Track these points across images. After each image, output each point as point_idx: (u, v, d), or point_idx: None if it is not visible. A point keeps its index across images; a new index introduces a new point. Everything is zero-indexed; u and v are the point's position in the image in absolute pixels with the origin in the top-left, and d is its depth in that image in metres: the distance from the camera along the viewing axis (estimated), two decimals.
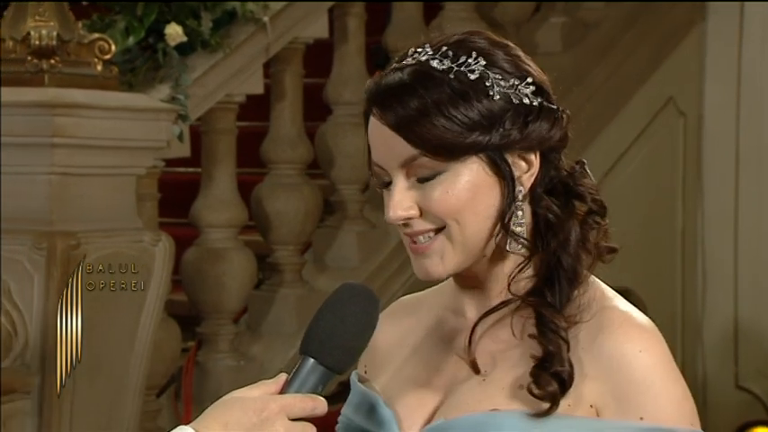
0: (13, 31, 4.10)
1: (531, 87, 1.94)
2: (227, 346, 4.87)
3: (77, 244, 4.08)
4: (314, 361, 1.88)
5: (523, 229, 1.94)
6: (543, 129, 1.94)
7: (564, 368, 1.87)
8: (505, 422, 1.89)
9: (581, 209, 1.98)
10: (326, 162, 5.27)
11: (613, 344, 1.90)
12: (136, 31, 4.52)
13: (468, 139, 1.91)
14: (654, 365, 1.89)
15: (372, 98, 1.97)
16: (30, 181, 4.13)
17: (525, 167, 1.94)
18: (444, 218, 1.93)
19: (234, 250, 4.89)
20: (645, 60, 6.17)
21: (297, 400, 1.85)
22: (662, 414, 1.87)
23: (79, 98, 4.12)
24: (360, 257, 5.26)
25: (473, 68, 1.92)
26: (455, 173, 1.92)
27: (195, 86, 4.60)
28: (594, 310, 1.93)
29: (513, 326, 1.94)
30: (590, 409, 1.89)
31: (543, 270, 1.96)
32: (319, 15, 5.07)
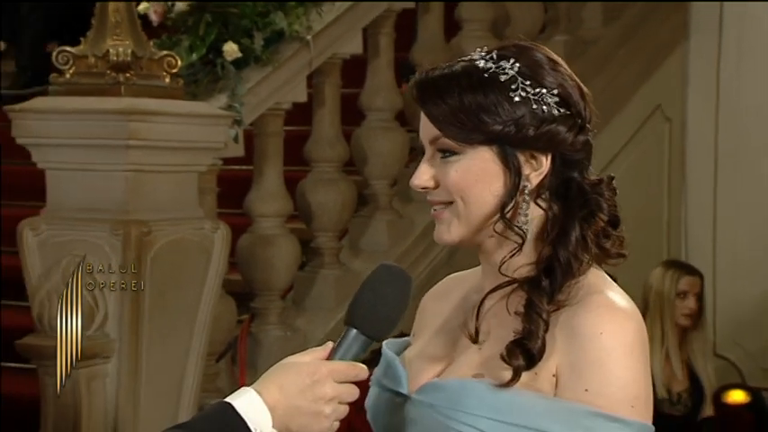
0: (95, 49, 4.08)
1: (555, 98, 1.92)
2: (275, 319, 4.85)
3: (149, 231, 4.08)
4: (356, 331, 1.89)
5: (527, 219, 1.93)
6: (557, 134, 1.92)
7: (536, 345, 1.86)
8: (474, 389, 1.90)
9: (601, 218, 1.95)
10: (361, 160, 5.26)
11: (583, 323, 1.88)
12: (198, 48, 4.52)
13: (482, 129, 1.91)
14: (611, 348, 1.86)
15: (416, 81, 1.99)
16: (108, 177, 4.12)
17: (535, 166, 1.93)
18: (452, 193, 1.93)
19: (281, 236, 4.88)
20: (636, 73, 6.21)
21: (343, 366, 1.86)
22: (604, 391, 1.85)
23: (150, 106, 4.13)
24: (389, 243, 5.25)
25: (506, 72, 1.92)
26: (468, 157, 1.93)
27: (249, 96, 4.60)
28: (581, 296, 1.90)
29: (509, 304, 1.93)
30: (552, 378, 1.88)
31: (543, 259, 1.94)
32: (355, 34, 5.06)
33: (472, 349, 1.96)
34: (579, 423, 1.84)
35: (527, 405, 1.86)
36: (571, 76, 1.97)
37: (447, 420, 1.90)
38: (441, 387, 1.94)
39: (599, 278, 1.95)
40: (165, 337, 4.15)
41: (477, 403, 1.88)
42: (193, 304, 4.25)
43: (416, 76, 2.00)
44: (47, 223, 4.12)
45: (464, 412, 1.88)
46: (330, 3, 4.89)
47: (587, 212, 1.94)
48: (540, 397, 1.87)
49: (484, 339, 1.95)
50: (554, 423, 1.84)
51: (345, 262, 5.17)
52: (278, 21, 4.66)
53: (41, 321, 4.02)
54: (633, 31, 6.21)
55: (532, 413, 1.86)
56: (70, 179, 4.17)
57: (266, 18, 4.64)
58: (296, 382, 1.83)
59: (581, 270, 1.92)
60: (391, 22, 5.28)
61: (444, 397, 1.92)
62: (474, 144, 1.92)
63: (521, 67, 1.93)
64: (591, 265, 1.94)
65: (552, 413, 1.85)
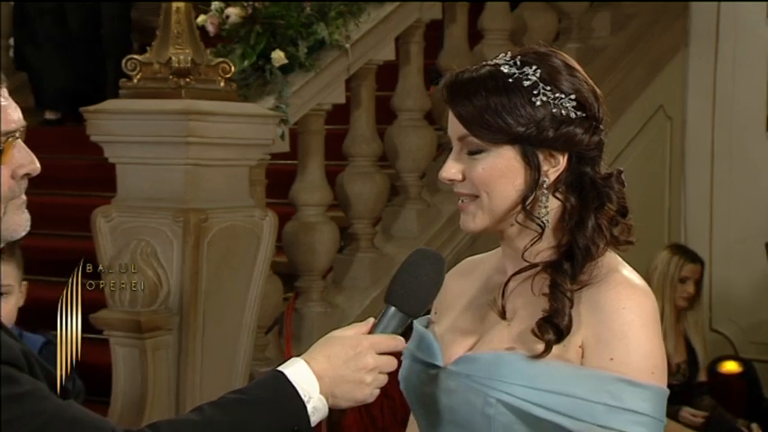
0: (159, 57, 4.13)
1: (573, 102, 1.91)
2: (317, 297, 4.87)
3: (206, 218, 4.11)
4: (395, 309, 1.90)
5: (547, 210, 1.93)
6: (574, 135, 1.92)
7: (563, 321, 1.87)
8: (509, 361, 1.90)
9: (611, 207, 1.95)
10: (393, 155, 5.28)
11: (605, 299, 1.88)
12: (249, 56, 4.54)
13: (506, 130, 1.90)
14: (632, 321, 1.86)
15: (447, 83, 1.98)
16: (170, 170, 4.16)
17: (553, 163, 1.92)
18: (478, 188, 1.93)
19: (322, 223, 4.89)
20: (640, 77, 6.21)
21: (383, 339, 1.88)
22: (628, 359, 1.85)
23: (207, 107, 4.16)
24: (418, 229, 5.25)
25: (529, 77, 1.91)
26: (493, 154, 1.92)
27: (294, 98, 4.61)
28: (602, 275, 1.90)
29: (534, 285, 1.93)
30: (578, 348, 1.88)
31: (563, 245, 1.93)
32: (388, 42, 5.07)
33: (501, 325, 1.97)
34: (605, 388, 1.84)
35: (557, 373, 1.87)
36: (587, 80, 1.97)
37: (484, 389, 1.90)
38: (476, 359, 1.95)
39: (615, 260, 1.95)
40: (220, 312, 4.19)
41: (511, 373, 1.89)
42: (245, 283, 4.27)
43: (446, 78, 1.99)
44: (117, 211, 4.17)
45: (500, 381, 1.89)
46: (366, 14, 4.90)
47: (600, 203, 1.94)
48: (568, 366, 1.88)
49: (511, 317, 1.96)
50: (582, 388, 1.85)
51: (379, 246, 5.19)
52: (320, 31, 4.68)
53: (113, 297, 4.08)
54: (638, 39, 6.21)
55: (562, 380, 1.86)
56: (137, 172, 4.22)
57: (309, 28, 4.66)
58: (341, 353, 1.85)
59: (599, 253, 1.91)
60: (421, 31, 5.30)
61: (480, 368, 1.92)
62: (498, 143, 1.91)
63: (542, 74, 1.92)
64: (607, 249, 1.93)
65: (580, 379, 1.86)
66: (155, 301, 4.07)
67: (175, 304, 4.09)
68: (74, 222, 4.26)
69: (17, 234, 1.78)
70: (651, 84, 6.26)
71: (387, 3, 5.02)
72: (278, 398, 1.81)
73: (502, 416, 1.89)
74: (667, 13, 6.35)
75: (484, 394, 1.90)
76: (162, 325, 4.07)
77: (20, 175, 1.75)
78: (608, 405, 1.83)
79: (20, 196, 1.76)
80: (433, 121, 5.41)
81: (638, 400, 1.84)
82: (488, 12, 5.77)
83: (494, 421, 1.90)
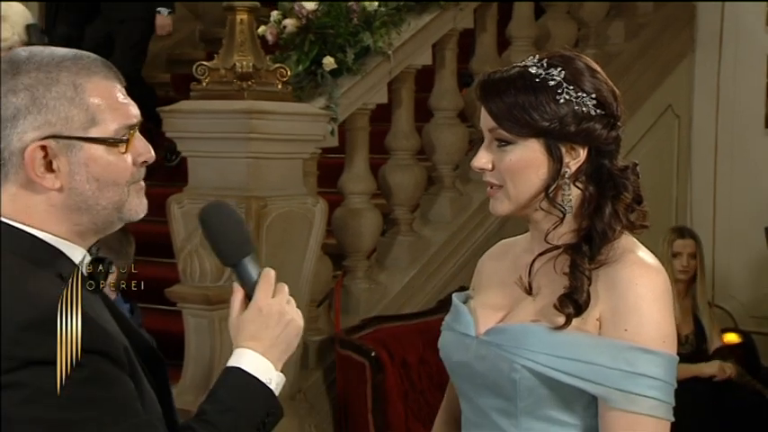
0: (224, 63, 4.17)
1: (593, 101, 1.90)
2: (362, 275, 4.89)
3: (265, 204, 4.15)
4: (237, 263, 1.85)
5: (570, 196, 1.91)
6: (594, 130, 1.91)
7: (582, 297, 1.86)
8: (534, 332, 1.90)
9: (627, 196, 1.92)
10: (429, 149, 5.29)
11: (620, 275, 1.87)
12: (303, 61, 4.55)
13: (532, 125, 1.89)
14: (645, 295, 1.85)
15: (480, 81, 1.96)
16: (234, 163, 4.19)
17: (573, 156, 1.91)
18: (504, 177, 1.92)
19: (367, 210, 4.92)
20: (651, 79, 6.19)
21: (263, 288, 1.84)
22: (641, 330, 1.84)
23: (267, 107, 4.17)
24: (451, 215, 5.26)
25: (554, 78, 1.90)
26: (520, 147, 1.90)
27: (342, 98, 4.62)
28: (618, 255, 1.89)
29: (556, 265, 1.92)
30: (596, 321, 1.87)
31: (582, 229, 1.92)
32: (426, 49, 5.08)
33: (527, 300, 1.97)
34: (621, 356, 1.83)
35: (577, 343, 1.87)
36: (606, 81, 1.95)
37: (512, 356, 1.90)
38: (505, 330, 1.95)
39: (631, 242, 1.94)
40: None
41: (536, 342, 1.89)
42: (299, 262, 4.29)
43: (480, 77, 1.97)
44: (188, 198, 4.22)
45: (526, 349, 1.89)
46: (407, 24, 4.91)
47: (616, 192, 1.92)
48: (587, 336, 1.87)
49: (536, 292, 1.96)
50: (600, 356, 1.84)
51: (417, 230, 5.20)
52: (366, 39, 4.70)
53: (185, 274, 4.13)
54: (649, 46, 6.20)
55: (582, 349, 1.86)
56: (205, 164, 4.26)
57: (356, 37, 4.67)
58: (259, 324, 1.81)
59: (615, 236, 1.90)
60: (455, 39, 5.30)
61: (509, 338, 1.93)
62: (525, 136, 1.90)
63: (566, 75, 1.90)
64: (623, 232, 1.92)
65: (598, 348, 1.85)
66: (221, 277, 4.09)
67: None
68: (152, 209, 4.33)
69: (137, 216, 1.78)
70: (661, 86, 6.25)
71: (425, 14, 5.03)
72: (249, 394, 1.77)
73: (526, 380, 1.89)
74: (676, 22, 6.33)
75: (511, 361, 1.90)
76: (228, 298, 3.98)
77: (139, 163, 1.77)
78: (624, 371, 1.83)
79: (139, 182, 1.78)
80: (465, 119, 5.41)
81: (651, 366, 1.84)
82: (515, 21, 5.77)
83: (519, 385, 1.90)
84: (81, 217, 1.72)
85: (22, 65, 1.70)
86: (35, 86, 1.68)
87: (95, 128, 1.70)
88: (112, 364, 1.64)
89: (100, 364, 1.62)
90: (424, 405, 4.50)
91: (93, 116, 1.70)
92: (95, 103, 1.71)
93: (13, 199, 1.71)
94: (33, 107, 1.68)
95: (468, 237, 5.25)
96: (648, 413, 1.83)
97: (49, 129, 1.68)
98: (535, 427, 1.93)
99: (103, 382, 1.62)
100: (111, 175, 1.72)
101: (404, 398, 4.49)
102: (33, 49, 1.76)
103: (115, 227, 1.78)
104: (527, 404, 1.91)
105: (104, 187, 1.72)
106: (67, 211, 1.71)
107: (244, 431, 1.76)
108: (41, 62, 1.71)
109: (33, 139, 1.68)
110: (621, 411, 1.84)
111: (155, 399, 1.76)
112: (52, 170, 1.69)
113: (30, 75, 1.69)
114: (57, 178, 1.69)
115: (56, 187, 1.70)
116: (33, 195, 1.70)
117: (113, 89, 1.75)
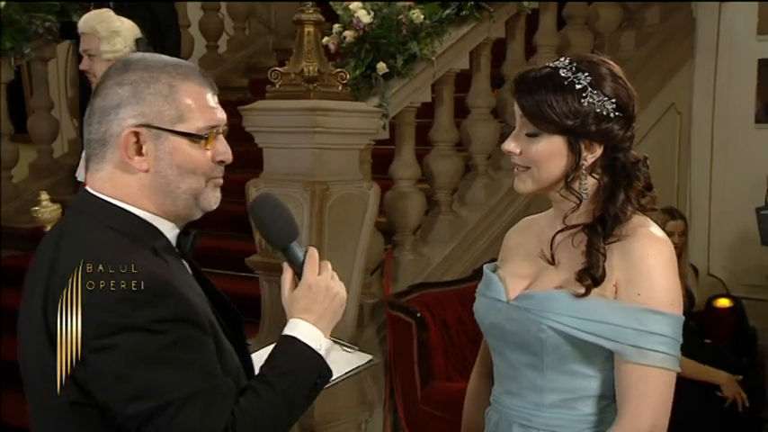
0: (294, 68, 4.16)
1: (613, 105, 1.87)
2: (409, 248, 4.88)
3: (327, 188, 4.14)
4: (285, 248, 1.83)
5: (586, 185, 1.90)
6: (611, 131, 1.89)
7: (598, 272, 1.85)
8: (558, 297, 1.90)
9: (638, 184, 1.91)
10: (467, 141, 5.25)
11: (634, 247, 1.86)
12: (360, 67, 4.54)
13: (558, 123, 1.87)
14: (655, 265, 1.84)
15: (515, 79, 1.94)
16: (302, 153, 4.19)
17: (591, 150, 1.90)
18: (530, 163, 1.91)
19: (413, 193, 4.90)
20: (657, 82, 6.12)
21: (310, 268, 1.81)
22: (652, 294, 1.83)
23: (329, 105, 4.17)
24: (485, 197, 5.22)
25: (580, 81, 1.87)
26: (545, 139, 1.89)
27: (392, 98, 4.62)
28: (631, 231, 1.88)
29: (575, 240, 1.92)
30: (612, 287, 1.86)
31: (598, 212, 1.91)
32: (464, 55, 5.00)
33: (550, 270, 1.96)
34: (634, 316, 1.83)
35: (596, 306, 1.86)
36: (626, 85, 1.91)
37: (539, 318, 1.90)
38: (532, 296, 1.95)
39: (644, 219, 1.93)
40: (338, 258, 4.15)
41: (560, 306, 1.88)
42: (355, 237, 4.29)
43: (516, 75, 1.95)
44: (264, 183, 4.21)
45: (552, 312, 1.89)
46: (448, 34, 4.88)
47: (629, 181, 1.91)
48: (605, 300, 1.86)
49: (558, 263, 1.95)
50: (616, 317, 1.83)
51: (455, 210, 5.17)
52: (413, 47, 4.67)
53: (260, 246, 4.15)
54: (655, 52, 6.14)
55: (600, 311, 1.85)
56: (278, 154, 4.25)
57: (405, 45, 4.65)
58: (310, 299, 1.79)
59: (626, 219, 1.89)
60: (489, 47, 5.28)
61: (536, 303, 1.92)
62: (551, 132, 1.88)
63: (591, 80, 1.87)
64: (635, 214, 1.91)
65: (615, 310, 1.84)
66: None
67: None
68: (234, 192, 4.36)
69: (210, 206, 1.78)
70: (665, 87, 6.19)
71: (464, 25, 4.99)
72: (302, 360, 1.76)
73: (552, 339, 1.89)
74: (678, 32, 6.27)
75: (538, 322, 1.90)
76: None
77: (217, 161, 1.77)
78: (637, 329, 1.82)
79: (217, 178, 1.78)
80: (497, 116, 5.37)
81: (660, 324, 1.83)
82: (541, 31, 5.72)
83: (545, 343, 1.90)
84: (165, 198, 1.73)
85: (132, 64, 1.74)
86: (138, 82, 1.71)
87: (182, 124, 1.72)
88: (195, 329, 1.62)
89: (184, 330, 1.60)
90: (461, 359, 4.50)
91: (182, 113, 1.72)
92: (186, 102, 1.72)
93: (110, 178, 1.73)
94: (133, 99, 1.70)
95: (498, 216, 5.22)
96: (658, 365, 1.83)
97: (143, 118, 1.70)
98: (559, 379, 1.93)
99: (187, 347, 1.60)
100: (191, 164, 1.73)
101: (444, 352, 4.48)
102: (146, 54, 1.80)
103: (195, 214, 1.78)
104: (552, 359, 1.92)
105: (184, 174, 1.73)
106: (154, 192, 1.72)
107: (299, 391, 1.74)
108: (148, 64, 1.74)
109: (129, 125, 1.70)
110: (635, 364, 1.83)
111: (233, 353, 1.77)
112: (141, 154, 1.71)
113: (136, 72, 1.72)
114: (144, 161, 1.71)
115: (143, 168, 1.72)
116: (127, 175, 1.72)
117: (204, 93, 1.76)
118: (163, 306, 1.59)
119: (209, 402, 1.59)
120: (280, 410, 1.70)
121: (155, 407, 1.57)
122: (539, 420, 1.95)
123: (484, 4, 5.01)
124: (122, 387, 1.57)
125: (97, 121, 1.72)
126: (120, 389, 1.57)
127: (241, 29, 7.68)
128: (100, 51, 3.71)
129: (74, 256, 1.62)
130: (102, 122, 1.71)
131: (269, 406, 1.69)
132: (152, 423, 1.57)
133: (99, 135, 1.72)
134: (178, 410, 1.57)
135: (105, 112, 1.71)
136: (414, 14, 4.65)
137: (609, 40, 6.10)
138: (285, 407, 1.72)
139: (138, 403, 1.57)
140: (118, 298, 1.57)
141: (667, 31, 6.25)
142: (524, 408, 1.97)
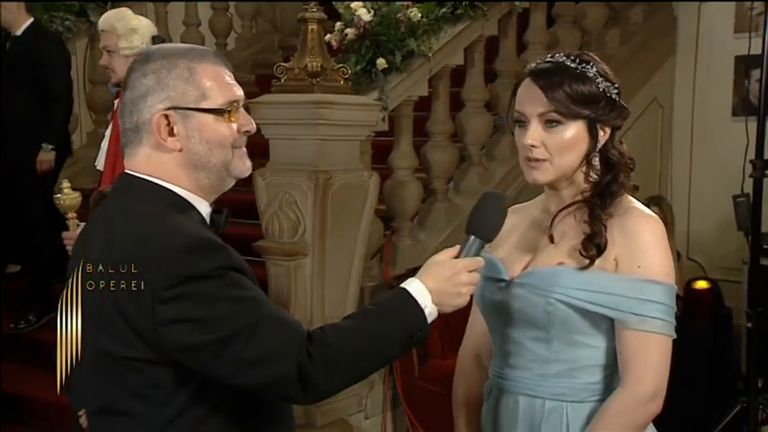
0: (298, 64, 4.15)
1: (616, 90, 1.92)
2: (407, 234, 4.87)
3: (330, 177, 4.11)
4: (474, 237, 1.85)
5: (597, 165, 1.94)
6: (621, 114, 1.93)
7: (601, 240, 1.88)
8: (562, 272, 1.91)
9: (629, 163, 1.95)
10: (461, 133, 5.21)
11: (631, 225, 1.88)
12: (360, 62, 4.52)
13: (581, 109, 1.87)
14: (652, 240, 1.87)
15: (531, 72, 1.92)
16: (306, 144, 4.15)
17: (602, 134, 1.92)
18: (552, 153, 1.90)
19: (411, 181, 4.88)
20: (640, 77, 6.10)
21: (471, 262, 1.83)
22: (650, 266, 1.86)
23: (332, 99, 4.14)
24: (479, 185, 5.17)
25: (589, 70, 1.89)
26: (568, 127, 1.88)
27: (391, 92, 4.60)
28: (625, 210, 1.91)
29: (576, 216, 1.94)
30: (613, 261, 1.88)
31: (598, 189, 1.93)
32: (459, 51, 5.02)
33: (550, 247, 1.97)
34: (635, 286, 1.85)
35: (599, 278, 1.88)
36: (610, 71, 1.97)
37: (545, 293, 1.91)
38: (536, 273, 1.95)
39: (632, 200, 1.96)
40: (340, 243, 4.19)
41: (566, 280, 1.89)
42: (357, 223, 4.27)
43: (529, 70, 1.93)
44: (270, 172, 4.20)
45: (557, 286, 1.90)
46: (444, 32, 4.86)
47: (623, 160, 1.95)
48: (607, 273, 1.88)
49: (559, 240, 1.96)
50: (619, 288, 1.86)
51: (451, 198, 5.16)
52: (411, 44, 4.65)
53: (267, 232, 4.12)
54: (639, 50, 6.12)
55: (604, 283, 1.87)
56: (283, 145, 4.23)
57: (403, 42, 4.63)
58: (443, 273, 1.81)
59: (619, 194, 1.92)
60: (482, 43, 5.25)
61: (540, 279, 1.93)
62: (575, 118, 1.88)
63: (597, 69, 1.90)
64: (625, 193, 1.94)
65: (617, 282, 1.86)
66: (295, 234, 4.09)
67: (309, 237, 4.09)
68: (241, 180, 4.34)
69: (242, 174, 1.82)
70: (648, 82, 6.17)
71: (458, 23, 4.97)
72: (404, 308, 1.78)
73: (559, 311, 1.90)
74: (660, 30, 6.24)
75: (545, 296, 1.91)
76: (300, 251, 4.08)
77: (242, 131, 1.80)
78: (638, 298, 1.85)
79: (242, 147, 1.81)
80: (490, 109, 5.36)
81: (658, 293, 1.86)
82: (531, 29, 5.70)
83: (553, 316, 1.91)
84: (199, 173, 1.76)
85: (152, 56, 1.79)
86: (159, 70, 1.76)
87: (205, 101, 1.76)
88: (244, 275, 1.68)
89: (235, 275, 1.65)
90: (456, 338, 4.41)
91: (204, 92, 1.76)
92: (206, 82, 1.76)
93: (147, 159, 1.77)
94: (158, 86, 1.75)
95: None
96: (657, 331, 1.86)
97: (169, 102, 1.75)
98: (564, 350, 1.94)
99: (242, 286, 1.65)
100: (218, 137, 1.76)
101: (440, 332, 4.46)
102: (163, 45, 1.87)
103: (228, 183, 1.82)
104: (558, 331, 1.92)
105: (214, 148, 1.76)
106: (190, 169, 1.76)
107: (394, 333, 1.75)
108: (166, 53, 1.79)
109: (158, 110, 1.75)
110: (636, 331, 1.86)
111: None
112: (173, 134, 1.76)
113: (156, 62, 1.77)
114: (177, 141, 1.76)
115: (177, 148, 1.76)
116: (163, 155, 1.76)
117: (221, 72, 1.80)
118: (223, 255, 1.65)
119: (278, 323, 1.66)
120: (368, 340, 1.72)
121: (231, 333, 1.61)
122: (544, 390, 1.96)
123: (478, 4, 5.00)
124: (196, 328, 1.61)
125: (129, 112, 1.77)
126: (193, 330, 1.61)
127: (248, 27, 7.68)
128: (118, 48, 3.71)
129: (129, 231, 1.68)
130: (134, 112, 1.76)
131: (359, 330, 1.72)
132: (229, 350, 1.61)
133: (132, 124, 1.77)
134: (254, 334, 1.61)
135: (135, 102, 1.76)
136: (412, 13, 4.64)
137: (596, 37, 6.07)
138: (374, 338, 1.73)
139: (211, 335, 1.61)
140: (184, 250, 1.62)
141: (650, 29, 6.22)
142: (529, 379, 1.98)
